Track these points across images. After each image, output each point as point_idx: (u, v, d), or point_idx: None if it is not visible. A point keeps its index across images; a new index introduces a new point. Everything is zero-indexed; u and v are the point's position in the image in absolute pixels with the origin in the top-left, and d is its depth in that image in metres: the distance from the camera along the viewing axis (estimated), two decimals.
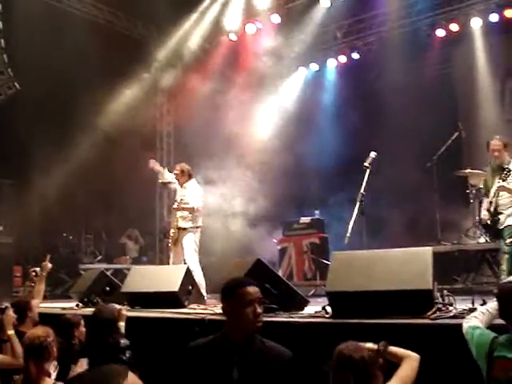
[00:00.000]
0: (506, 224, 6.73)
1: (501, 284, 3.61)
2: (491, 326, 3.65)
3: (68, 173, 11.16)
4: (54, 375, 4.32)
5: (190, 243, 8.43)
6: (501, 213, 6.78)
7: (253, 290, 3.50)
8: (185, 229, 8.43)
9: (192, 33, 12.48)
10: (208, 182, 9.48)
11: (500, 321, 3.60)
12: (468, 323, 3.67)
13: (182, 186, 8.66)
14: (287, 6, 11.89)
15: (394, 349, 3.37)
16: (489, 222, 6.92)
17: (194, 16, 12.27)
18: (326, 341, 4.78)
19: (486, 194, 7.15)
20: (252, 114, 11.85)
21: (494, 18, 10.88)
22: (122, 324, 5.31)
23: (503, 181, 6.68)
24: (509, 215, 6.74)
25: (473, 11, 11.06)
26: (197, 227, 8.48)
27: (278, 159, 11.55)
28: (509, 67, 11.48)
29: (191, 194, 8.47)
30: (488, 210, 6.90)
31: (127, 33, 12.36)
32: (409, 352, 3.37)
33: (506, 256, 6.60)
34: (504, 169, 6.71)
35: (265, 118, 12.01)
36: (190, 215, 8.41)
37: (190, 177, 8.68)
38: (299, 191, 11.77)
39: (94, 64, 10.82)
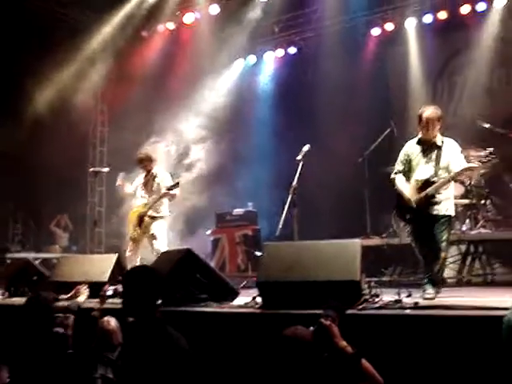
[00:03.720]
0: (441, 212, 5.99)
1: None
2: None
3: None
4: None
5: (163, 232, 8.27)
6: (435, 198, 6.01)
7: None
8: (154, 217, 8.24)
9: (129, 20, 12.25)
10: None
11: None
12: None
13: (149, 174, 8.43)
14: None
15: (366, 363, 3.39)
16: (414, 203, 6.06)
17: (132, 3, 12.04)
18: (255, 331, 4.85)
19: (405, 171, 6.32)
20: (188, 104, 11.75)
21: (428, 19, 11.15)
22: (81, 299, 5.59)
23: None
24: (445, 200, 6.02)
25: (408, 11, 11.31)
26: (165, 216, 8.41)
27: (212, 151, 11.53)
28: (440, 68, 11.81)
29: (165, 181, 8.29)
30: (416, 191, 6.06)
31: (62, 18, 11.98)
32: (377, 375, 3.38)
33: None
34: (437, 145, 6.11)
35: (200, 108, 11.93)
36: (162, 203, 8.28)
37: (155, 162, 8.50)
38: (233, 182, 11.77)
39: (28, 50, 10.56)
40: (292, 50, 12.54)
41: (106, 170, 10.62)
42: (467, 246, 8.37)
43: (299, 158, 6.74)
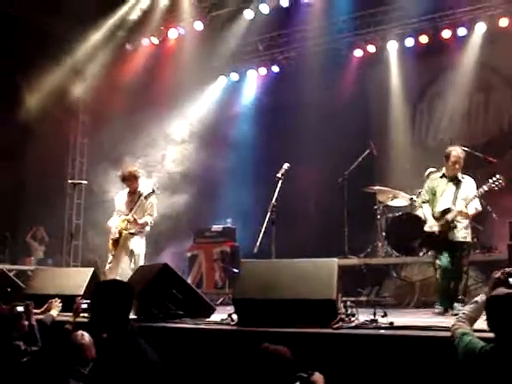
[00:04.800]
0: (461, 239, 6.80)
1: (490, 296, 3.64)
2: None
3: None
4: None
5: (141, 248, 8.08)
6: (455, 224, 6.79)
7: None
8: (133, 233, 8.02)
9: (114, 32, 12.25)
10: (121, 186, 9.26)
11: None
12: (456, 329, 3.74)
13: (135, 192, 8.18)
14: (211, 14, 11.90)
15: None
16: (437, 229, 6.84)
17: (117, 16, 12.06)
18: (230, 348, 4.82)
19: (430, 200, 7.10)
20: (169, 120, 11.75)
21: (409, 42, 11.29)
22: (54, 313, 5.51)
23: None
24: (464, 228, 6.84)
25: (390, 34, 11.44)
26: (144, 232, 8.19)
27: (192, 167, 11.52)
28: (420, 91, 11.96)
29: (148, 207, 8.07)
30: (438, 219, 6.85)
31: (47, 28, 11.96)
32: None
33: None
34: (458, 180, 6.95)
35: (182, 123, 11.93)
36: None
37: (139, 178, 8.25)
38: (212, 199, 11.77)
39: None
40: (275, 69, 12.62)
41: (84, 182, 10.55)
42: None
43: (279, 175, 6.76)
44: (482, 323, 3.78)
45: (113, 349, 3.49)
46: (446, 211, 6.82)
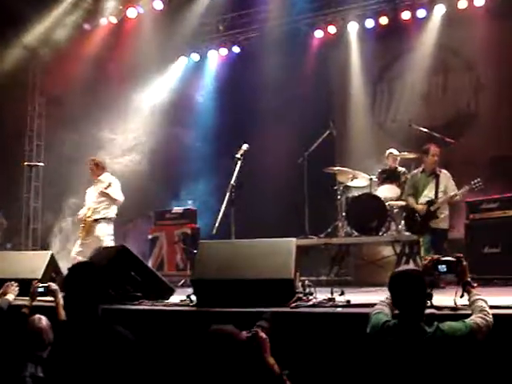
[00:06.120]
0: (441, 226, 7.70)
1: (391, 274, 3.71)
2: None
3: None
4: None
5: (107, 233, 8.24)
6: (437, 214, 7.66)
7: None
8: (97, 220, 8.25)
9: (70, 12, 11.98)
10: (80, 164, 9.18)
11: None
12: (374, 310, 3.84)
13: (97, 180, 8.49)
14: None
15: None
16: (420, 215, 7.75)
17: None
18: (188, 329, 4.81)
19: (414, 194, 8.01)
20: (129, 100, 11.60)
21: (369, 23, 11.33)
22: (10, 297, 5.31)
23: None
24: (444, 217, 7.74)
25: (350, 15, 11.46)
26: (110, 218, 8.40)
27: (151, 149, 11.43)
28: (380, 71, 12.03)
29: (113, 187, 8.30)
30: (427, 204, 7.72)
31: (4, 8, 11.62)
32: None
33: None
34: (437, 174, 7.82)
35: (142, 103, 11.80)
36: (107, 206, 8.29)
37: (103, 169, 8.56)
38: (172, 180, 11.69)
39: None
40: (236, 50, 12.54)
41: (41, 164, 10.38)
42: (402, 247, 8.53)
43: (238, 156, 6.75)
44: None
45: (88, 332, 3.43)
46: (430, 202, 7.71)
